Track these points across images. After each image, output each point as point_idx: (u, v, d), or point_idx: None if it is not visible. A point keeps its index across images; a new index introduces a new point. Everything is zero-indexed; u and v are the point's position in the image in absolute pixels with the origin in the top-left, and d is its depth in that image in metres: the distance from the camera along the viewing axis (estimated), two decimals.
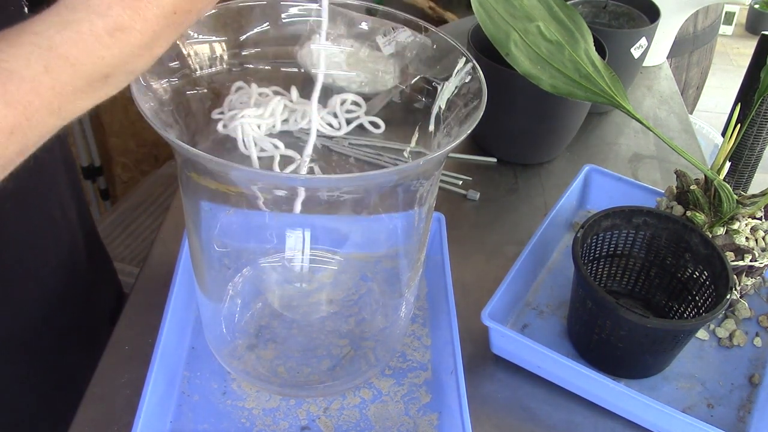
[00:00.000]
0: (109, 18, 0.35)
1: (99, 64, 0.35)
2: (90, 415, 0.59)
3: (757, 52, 1.44)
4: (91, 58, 0.35)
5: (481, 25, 0.66)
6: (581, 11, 1.02)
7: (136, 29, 0.36)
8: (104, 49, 0.35)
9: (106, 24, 0.35)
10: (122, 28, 0.35)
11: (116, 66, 0.36)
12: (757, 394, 0.65)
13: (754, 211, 0.68)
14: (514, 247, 0.78)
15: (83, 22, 0.34)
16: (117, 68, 0.37)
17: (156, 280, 0.69)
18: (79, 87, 0.35)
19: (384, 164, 0.84)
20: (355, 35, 0.64)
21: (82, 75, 0.35)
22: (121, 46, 0.36)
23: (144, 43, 0.37)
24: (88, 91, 0.36)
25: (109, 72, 0.36)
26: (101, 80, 0.36)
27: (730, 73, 3.16)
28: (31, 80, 0.33)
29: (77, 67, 0.35)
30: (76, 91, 0.35)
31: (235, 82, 0.64)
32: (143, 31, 0.36)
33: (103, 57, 0.35)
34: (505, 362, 0.65)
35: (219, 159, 0.42)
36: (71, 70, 0.35)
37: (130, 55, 0.37)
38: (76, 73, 0.35)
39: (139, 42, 0.36)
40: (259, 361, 0.61)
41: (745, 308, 0.72)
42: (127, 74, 0.38)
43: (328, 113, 0.79)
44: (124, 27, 0.35)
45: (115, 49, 0.36)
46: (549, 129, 0.88)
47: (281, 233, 0.63)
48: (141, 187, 1.59)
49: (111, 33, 0.35)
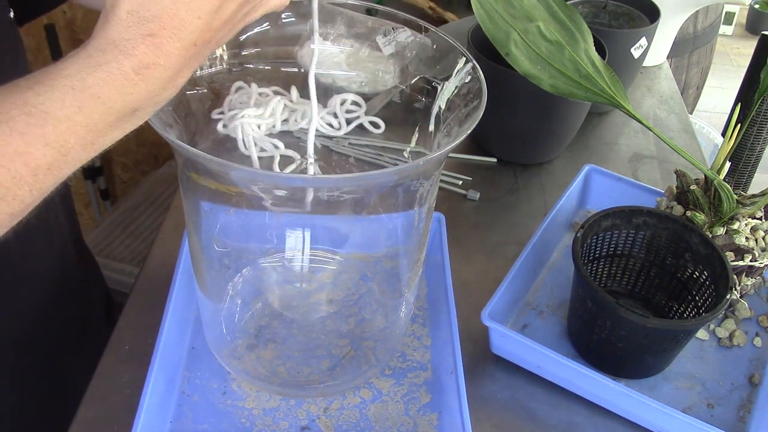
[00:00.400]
0: (135, 57, 0.37)
1: (128, 100, 0.38)
2: (90, 415, 0.59)
3: (757, 52, 1.45)
4: (121, 95, 0.37)
5: (481, 25, 0.66)
6: (581, 11, 1.02)
7: (160, 65, 0.38)
8: (132, 86, 0.37)
9: (132, 63, 0.37)
10: (148, 65, 0.37)
11: (144, 100, 0.39)
12: (757, 394, 0.65)
13: (754, 211, 0.68)
14: (514, 247, 0.78)
15: (112, 63, 0.37)
16: (144, 102, 0.39)
17: (156, 280, 0.69)
18: (110, 122, 0.38)
19: (384, 164, 0.84)
20: (355, 35, 0.64)
21: (113, 111, 0.38)
22: (147, 82, 0.38)
23: (168, 76, 0.39)
24: (117, 125, 0.39)
25: (137, 106, 0.39)
26: (130, 114, 0.39)
27: (730, 73, 3.16)
28: (67, 120, 0.36)
29: (108, 105, 0.37)
30: (107, 126, 0.38)
31: (235, 82, 0.64)
32: (167, 66, 0.38)
33: (132, 93, 0.38)
34: (505, 362, 0.65)
35: (219, 159, 0.42)
36: (103, 108, 0.37)
37: (157, 89, 0.39)
38: (107, 110, 0.37)
39: (164, 76, 0.39)
40: (259, 361, 0.61)
41: (745, 308, 0.72)
42: (153, 105, 0.40)
43: (328, 113, 0.79)
44: (149, 64, 0.38)
45: (142, 85, 0.38)
46: (549, 129, 0.88)
47: (281, 233, 0.63)
48: (141, 187, 1.59)
49: (138, 71, 0.37)
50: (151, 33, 0.37)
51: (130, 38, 0.37)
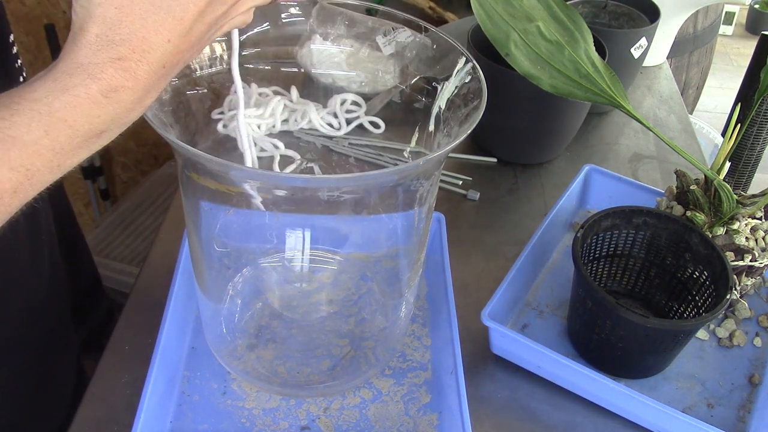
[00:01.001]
0: (103, 81, 0.37)
1: (95, 123, 0.37)
2: (90, 415, 0.59)
3: (757, 52, 1.45)
4: (88, 118, 0.37)
5: (481, 25, 0.66)
6: (581, 11, 1.02)
7: (128, 88, 0.38)
8: (99, 109, 0.37)
9: (100, 87, 0.37)
10: (116, 89, 0.37)
11: (111, 123, 0.38)
12: (757, 394, 0.65)
13: (754, 211, 0.68)
14: (514, 247, 0.78)
15: (80, 87, 0.36)
16: (111, 124, 0.39)
17: (156, 280, 0.69)
18: (77, 144, 0.38)
19: (384, 164, 0.84)
20: (355, 35, 0.64)
21: (80, 134, 0.37)
22: (115, 105, 0.38)
23: (136, 98, 0.39)
24: (84, 146, 0.38)
25: (104, 129, 0.38)
26: (97, 136, 0.39)
27: (730, 73, 3.16)
28: (33, 144, 0.36)
29: (75, 129, 0.37)
30: (74, 148, 0.38)
31: None
32: (135, 89, 0.38)
33: (99, 116, 0.37)
34: (505, 362, 0.65)
35: (219, 159, 0.42)
36: (70, 132, 0.37)
37: (124, 111, 0.39)
38: (74, 133, 0.37)
39: (132, 98, 0.38)
40: (259, 361, 0.61)
41: (745, 308, 0.72)
42: (120, 127, 0.40)
43: (328, 113, 0.79)
44: (117, 87, 0.37)
45: (110, 108, 0.38)
46: (549, 129, 0.88)
47: (281, 233, 0.63)
48: (141, 187, 1.59)
49: (105, 94, 0.37)
50: (120, 57, 0.37)
51: (98, 62, 0.37)
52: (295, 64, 0.65)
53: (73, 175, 1.68)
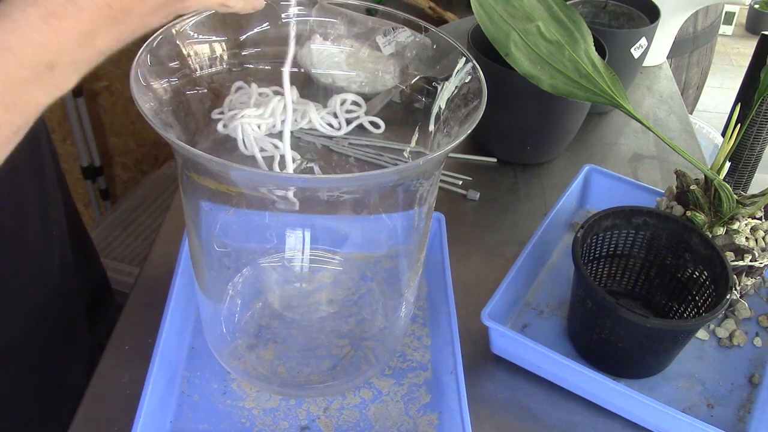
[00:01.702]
0: (41, 6, 0.36)
1: (39, 51, 0.37)
2: (90, 415, 0.59)
3: (757, 52, 1.45)
4: (30, 45, 0.36)
5: (481, 25, 0.66)
6: (581, 11, 1.02)
7: (69, 17, 0.37)
8: (40, 35, 0.37)
9: (39, 11, 0.36)
10: (55, 15, 0.37)
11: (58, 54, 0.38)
12: (757, 394, 0.65)
13: (754, 211, 0.68)
14: (514, 247, 0.78)
15: (17, 11, 0.36)
16: (60, 57, 0.38)
17: (156, 280, 0.69)
18: (26, 77, 0.37)
19: (384, 164, 0.84)
20: (355, 35, 0.64)
21: (25, 63, 0.37)
22: (57, 33, 0.37)
23: (80, 31, 0.38)
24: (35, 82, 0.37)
25: (52, 60, 0.38)
26: (47, 70, 0.38)
27: (730, 73, 3.16)
28: None
29: (19, 57, 0.36)
30: (24, 81, 0.37)
31: (235, 82, 0.64)
32: (77, 19, 0.37)
33: (43, 44, 0.37)
34: (505, 362, 0.65)
35: (219, 159, 0.42)
36: (14, 60, 0.36)
37: (70, 45, 0.38)
38: (19, 61, 0.36)
39: (76, 30, 0.38)
40: (259, 361, 0.61)
41: (745, 308, 0.72)
42: (72, 65, 0.39)
43: (328, 113, 0.79)
44: (56, 14, 0.37)
45: (52, 36, 0.37)
46: (549, 129, 0.88)
47: (281, 233, 0.63)
48: (141, 187, 1.59)
49: (44, 20, 0.36)
50: None
51: None
52: (295, 64, 0.65)
53: (73, 175, 1.68)
